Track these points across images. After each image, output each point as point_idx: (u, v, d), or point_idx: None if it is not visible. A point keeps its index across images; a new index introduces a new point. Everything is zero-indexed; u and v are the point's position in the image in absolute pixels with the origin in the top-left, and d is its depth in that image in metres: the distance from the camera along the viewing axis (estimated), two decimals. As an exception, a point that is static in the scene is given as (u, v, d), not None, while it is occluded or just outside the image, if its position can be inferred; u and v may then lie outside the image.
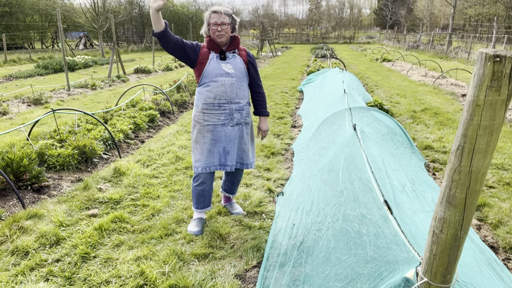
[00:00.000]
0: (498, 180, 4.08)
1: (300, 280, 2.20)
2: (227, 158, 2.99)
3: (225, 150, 2.98)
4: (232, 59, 2.96)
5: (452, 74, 13.16)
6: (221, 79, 2.90)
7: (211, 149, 2.97)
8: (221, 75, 2.90)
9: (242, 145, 3.07)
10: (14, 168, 3.69)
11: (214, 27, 2.85)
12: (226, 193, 3.38)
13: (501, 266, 2.44)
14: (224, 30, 2.85)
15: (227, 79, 2.91)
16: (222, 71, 2.90)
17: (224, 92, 2.91)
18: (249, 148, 3.14)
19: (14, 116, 7.28)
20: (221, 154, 2.98)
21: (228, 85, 2.91)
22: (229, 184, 3.32)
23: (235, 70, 2.94)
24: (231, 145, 2.98)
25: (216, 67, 2.91)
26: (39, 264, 2.59)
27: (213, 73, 2.90)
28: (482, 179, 1.25)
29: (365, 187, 2.61)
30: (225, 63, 2.92)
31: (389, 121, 4.81)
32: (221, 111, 2.93)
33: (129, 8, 33.65)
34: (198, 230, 3.05)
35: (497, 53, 1.09)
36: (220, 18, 2.84)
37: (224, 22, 2.84)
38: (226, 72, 2.91)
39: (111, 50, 15.92)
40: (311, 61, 18.13)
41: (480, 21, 34.82)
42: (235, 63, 2.95)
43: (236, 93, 2.94)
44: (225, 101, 2.93)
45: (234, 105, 2.95)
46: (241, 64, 2.97)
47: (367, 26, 69.10)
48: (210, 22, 2.86)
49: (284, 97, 9.17)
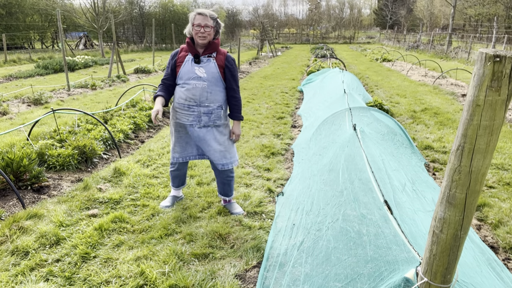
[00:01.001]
0: (498, 180, 4.08)
1: (300, 280, 2.20)
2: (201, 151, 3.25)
3: (198, 147, 3.23)
4: (206, 63, 3.01)
5: (452, 74, 13.16)
6: (193, 82, 2.99)
7: (188, 141, 3.22)
8: (193, 78, 2.99)
9: (215, 146, 3.14)
10: (14, 168, 3.69)
11: (197, 28, 2.91)
12: (222, 196, 3.42)
13: (501, 266, 2.44)
14: (206, 32, 2.93)
15: (199, 83, 2.98)
16: (194, 75, 2.99)
17: (194, 95, 3.01)
18: (225, 148, 3.19)
19: (14, 116, 7.29)
20: (198, 147, 3.24)
21: (199, 88, 2.99)
22: (221, 185, 3.35)
23: (207, 74, 3.00)
24: (201, 144, 3.15)
25: (189, 70, 3.00)
26: (39, 264, 2.59)
27: (186, 75, 3.01)
28: (482, 179, 1.25)
29: (365, 187, 2.61)
30: (198, 67, 3.00)
31: (389, 121, 4.81)
32: (190, 112, 3.06)
33: (129, 8, 33.62)
34: (169, 205, 3.44)
35: (497, 53, 1.09)
36: (205, 20, 2.90)
37: (208, 24, 2.91)
38: (198, 76, 2.99)
39: (111, 50, 15.92)
40: (311, 61, 18.13)
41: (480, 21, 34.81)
42: (208, 67, 3.00)
43: (206, 96, 3.02)
44: (194, 103, 3.03)
45: (203, 108, 3.04)
46: (214, 69, 3.02)
47: (367, 26, 69.09)
48: (194, 23, 2.92)
49: (284, 97, 9.18)
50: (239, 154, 4.87)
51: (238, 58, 15.84)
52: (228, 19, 44.42)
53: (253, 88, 10.65)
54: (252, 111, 7.50)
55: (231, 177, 3.33)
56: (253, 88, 10.64)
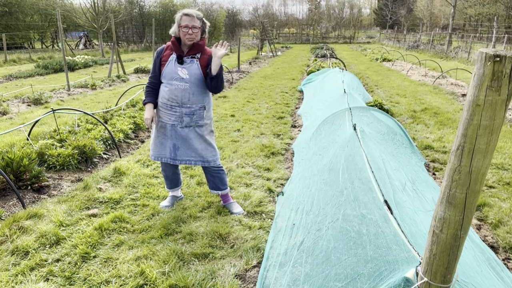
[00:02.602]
0: (498, 180, 4.08)
1: (300, 280, 2.20)
2: (176, 153, 3.16)
3: (175, 146, 3.14)
4: (189, 64, 3.00)
5: (452, 74, 13.16)
6: (175, 83, 2.99)
7: (163, 142, 3.16)
8: (176, 79, 2.99)
9: (197, 144, 3.14)
10: (14, 168, 3.69)
11: (185, 29, 2.91)
12: (214, 191, 3.39)
13: (501, 266, 2.44)
14: (194, 34, 2.93)
15: (181, 84, 2.99)
16: (176, 75, 2.99)
17: (176, 96, 3.01)
18: (209, 146, 3.21)
19: (14, 116, 7.28)
20: (171, 149, 3.15)
21: (181, 90, 3.00)
22: (211, 179, 3.34)
23: (189, 76, 2.99)
24: (181, 142, 3.12)
25: (172, 71, 3.00)
26: (39, 264, 2.59)
27: (168, 76, 3.01)
28: (482, 179, 1.25)
29: (365, 187, 2.61)
30: (181, 68, 2.99)
31: (389, 121, 4.81)
32: (173, 112, 3.07)
33: (129, 8, 33.60)
34: (169, 205, 3.42)
35: (497, 53, 1.09)
36: (192, 21, 2.91)
37: (195, 25, 2.92)
38: (181, 77, 2.99)
39: (111, 50, 15.92)
40: (311, 61, 18.12)
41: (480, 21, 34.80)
42: (191, 69, 3.00)
43: (188, 98, 3.02)
44: (176, 104, 3.04)
45: (185, 109, 3.05)
46: (197, 70, 3.01)
47: (367, 26, 69.08)
48: (181, 24, 2.92)
49: (284, 97, 9.17)
50: (239, 154, 4.87)
51: (238, 58, 15.84)
52: (228, 19, 44.38)
53: (253, 88, 10.64)
54: (252, 111, 7.50)
55: (220, 170, 3.33)
56: (253, 88, 10.64)
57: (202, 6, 38.46)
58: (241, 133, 5.93)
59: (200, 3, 39.31)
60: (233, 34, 44.74)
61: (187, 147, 3.14)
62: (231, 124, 6.47)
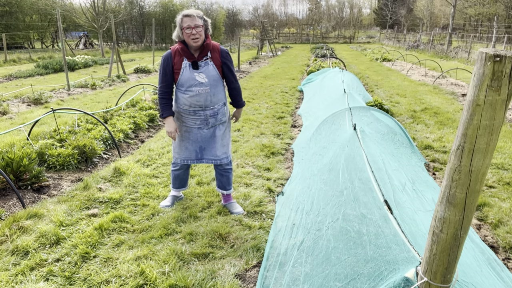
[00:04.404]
0: (498, 180, 4.08)
1: (300, 280, 2.20)
2: (203, 153, 3.21)
3: (201, 148, 3.20)
4: (204, 67, 2.98)
5: (452, 73, 13.16)
6: (195, 89, 2.98)
7: (188, 147, 3.20)
8: (195, 85, 2.98)
9: (219, 142, 3.20)
10: (14, 168, 3.69)
11: (188, 30, 2.86)
12: (220, 190, 3.42)
13: (501, 265, 2.44)
14: (198, 33, 2.89)
15: (201, 89, 2.99)
16: (195, 81, 2.97)
17: (198, 101, 3.02)
18: (226, 142, 3.28)
19: (14, 115, 7.28)
20: (197, 151, 3.21)
21: (203, 94, 3.00)
22: (219, 177, 3.36)
23: (208, 79, 2.99)
24: (207, 143, 3.17)
25: (190, 77, 2.97)
26: (39, 264, 2.59)
27: (187, 83, 2.99)
28: (482, 179, 1.25)
29: (365, 187, 2.61)
30: (198, 73, 2.97)
31: (389, 120, 4.81)
32: (197, 116, 3.08)
33: (129, 7, 33.60)
34: (169, 204, 3.41)
35: (497, 53, 1.09)
36: (193, 21, 2.86)
37: (198, 24, 2.87)
38: (200, 82, 2.98)
39: (111, 49, 15.92)
40: (311, 61, 18.12)
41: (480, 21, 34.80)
42: (208, 72, 2.99)
43: (210, 100, 3.05)
44: (199, 108, 3.06)
45: (209, 111, 3.08)
46: (214, 71, 3.00)
47: (367, 25, 69.06)
48: (183, 26, 2.87)
49: (284, 97, 9.17)
50: (239, 154, 4.87)
51: (238, 58, 15.84)
52: (228, 19, 44.38)
53: (253, 88, 10.64)
54: (252, 111, 7.50)
55: (229, 169, 3.35)
56: (253, 88, 10.64)
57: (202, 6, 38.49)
58: (241, 133, 5.93)
59: (200, 3, 39.34)
60: (233, 34, 44.72)
61: (212, 147, 3.18)
62: (231, 123, 6.47)
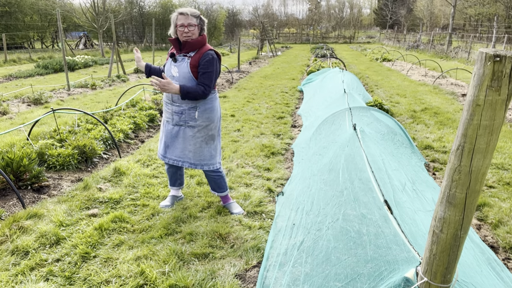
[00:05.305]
0: (498, 180, 4.08)
1: (300, 280, 2.20)
2: (166, 151, 3.23)
3: (166, 144, 3.23)
4: (180, 62, 3.01)
5: (452, 74, 13.16)
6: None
7: (160, 139, 3.31)
8: (169, 77, 3.05)
9: (187, 145, 3.14)
10: (14, 168, 3.69)
11: (181, 28, 2.91)
12: (213, 191, 3.43)
13: (501, 266, 2.44)
14: (191, 32, 2.92)
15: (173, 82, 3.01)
16: (170, 73, 3.05)
17: (168, 93, 3.09)
18: (199, 149, 3.13)
19: (14, 116, 7.28)
20: (164, 147, 3.25)
21: None
22: (210, 181, 3.37)
23: (179, 75, 3.02)
24: (171, 141, 3.19)
25: (168, 69, 3.07)
26: (39, 264, 2.59)
27: (166, 73, 3.08)
28: (482, 179, 1.25)
29: (365, 187, 2.61)
30: (174, 66, 3.03)
31: (389, 121, 4.81)
32: (167, 109, 3.17)
33: (129, 7, 33.60)
34: (169, 204, 3.44)
35: (497, 53, 1.09)
36: (187, 20, 2.90)
37: (191, 23, 2.91)
38: (172, 75, 3.04)
39: (111, 49, 15.92)
40: (311, 61, 18.12)
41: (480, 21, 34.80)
42: (181, 67, 3.00)
43: (177, 96, 3.05)
44: (168, 101, 3.15)
45: (175, 107, 3.11)
46: (186, 69, 2.97)
47: (367, 26, 69.08)
48: (177, 23, 2.92)
49: (284, 97, 9.17)
50: (239, 154, 4.87)
51: (238, 58, 15.84)
52: (228, 19, 44.38)
53: (253, 88, 10.64)
54: (252, 111, 7.50)
55: (216, 176, 3.29)
56: (253, 88, 10.64)
57: (202, 6, 38.48)
58: (241, 133, 5.93)
59: (200, 3, 39.33)
60: (233, 34, 44.73)
61: (175, 146, 3.17)
62: (231, 124, 6.47)
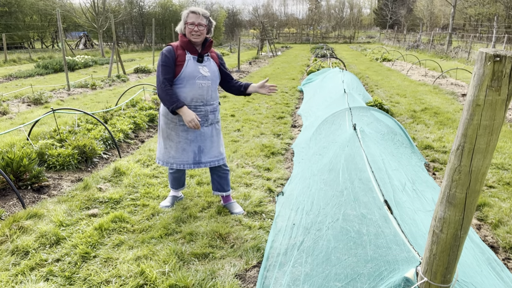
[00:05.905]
0: (498, 180, 4.08)
1: (300, 280, 2.20)
2: (201, 156, 3.14)
3: (200, 149, 3.14)
4: (207, 62, 3.07)
5: (452, 73, 13.16)
6: (199, 82, 3.00)
7: (186, 148, 3.12)
8: (199, 78, 3.00)
9: (217, 142, 3.20)
10: (14, 168, 3.69)
11: (191, 26, 2.93)
12: (219, 192, 3.37)
13: (501, 265, 2.44)
14: (200, 31, 2.95)
15: (204, 82, 3.02)
16: (199, 74, 3.00)
17: (201, 94, 3.03)
18: (221, 143, 3.29)
19: (14, 116, 7.28)
20: (195, 153, 3.13)
21: (205, 88, 3.03)
22: (217, 179, 3.33)
23: (210, 73, 3.05)
24: (206, 143, 3.13)
25: (194, 70, 3.00)
26: (39, 264, 2.59)
27: (190, 75, 2.98)
28: (482, 179, 1.24)
29: (365, 187, 2.61)
30: (202, 66, 3.03)
31: (389, 120, 4.81)
32: (197, 112, 3.05)
33: (129, 7, 33.60)
34: (169, 205, 3.42)
35: (497, 53, 1.09)
36: (198, 19, 2.93)
37: (201, 23, 2.94)
38: (203, 75, 3.01)
39: (111, 49, 15.92)
40: (311, 61, 18.12)
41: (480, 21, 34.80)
42: (210, 66, 3.06)
43: (211, 95, 3.08)
44: (201, 103, 3.06)
45: (209, 106, 3.10)
46: (215, 67, 3.10)
47: (367, 25, 69.09)
48: (188, 21, 2.95)
49: (284, 97, 9.17)
50: (239, 154, 4.87)
51: (238, 58, 15.84)
52: (228, 19, 44.37)
53: (253, 88, 10.63)
54: (252, 111, 7.50)
55: (228, 170, 3.37)
56: (253, 88, 10.63)
57: (202, 6, 38.47)
58: (241, 133, 5.93)
59: (200, 2, 39.33)
60: (233, 34, 44.73)
61: (211, 147, 3.16)
62: (231, 124, 6.47)
